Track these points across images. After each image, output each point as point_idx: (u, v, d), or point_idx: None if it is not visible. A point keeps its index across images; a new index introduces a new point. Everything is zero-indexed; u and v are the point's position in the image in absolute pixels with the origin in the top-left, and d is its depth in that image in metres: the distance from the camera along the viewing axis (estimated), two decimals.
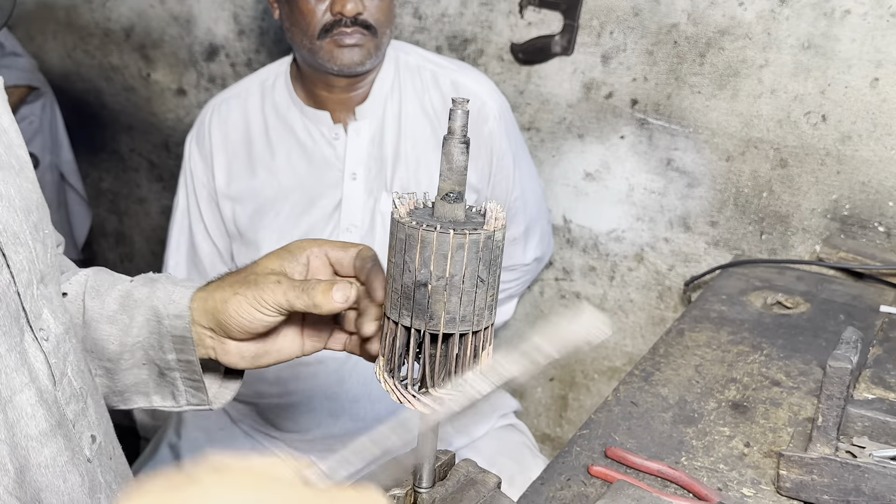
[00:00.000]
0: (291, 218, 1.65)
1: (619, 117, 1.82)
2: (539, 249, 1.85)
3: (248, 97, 1.71)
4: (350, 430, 1.63)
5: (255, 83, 1.73)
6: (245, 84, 1.75)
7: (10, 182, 0.76)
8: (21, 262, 0.75)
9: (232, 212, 1.70)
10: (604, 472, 1.03)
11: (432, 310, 0.67)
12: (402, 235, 0.66)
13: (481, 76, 1.73)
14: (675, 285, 1.84)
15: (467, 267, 0.66)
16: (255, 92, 1.72)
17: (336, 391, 1.63)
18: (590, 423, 1.13)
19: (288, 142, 1.66)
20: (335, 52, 1.53)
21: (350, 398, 1.62)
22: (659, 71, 1.75)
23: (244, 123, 1.70)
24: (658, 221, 1.83)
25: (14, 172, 0.78)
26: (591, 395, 2.01)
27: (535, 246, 1.83)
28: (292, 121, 1.67)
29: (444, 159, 0.67)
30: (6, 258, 0.73)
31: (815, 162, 1.63)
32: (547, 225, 1.88)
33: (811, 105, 1.61)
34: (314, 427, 1.64)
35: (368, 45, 1.54)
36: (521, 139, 1.80)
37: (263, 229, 1.66)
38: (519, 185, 1.74)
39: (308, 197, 1.65)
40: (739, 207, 1.73)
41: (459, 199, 0.67)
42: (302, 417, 1.65)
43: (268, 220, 1.66)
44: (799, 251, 1.69)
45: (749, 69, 1.65)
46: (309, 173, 1.65)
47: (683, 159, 1.76)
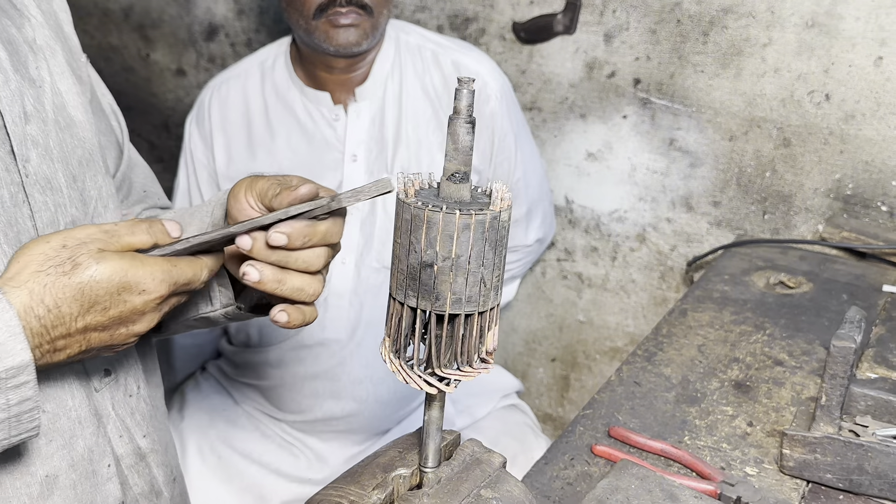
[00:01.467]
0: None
1: (622, 97, 1.81)
2: (541, 231, 1.85)
3: (247, 78, 1.70)
4: (352, 411, 1.64)
5: (255, 64, 1.72)
6: (245, 65, 1.74)
7: (52, 135, 0.86)
8: (46, 203, 0.84)
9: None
10: (607, 452, 1.03)
11: (438, 290, 0.67)
12: (408, 216, 0.66)
13: (483, 56, 1.72)
14: (678, 265, 1.84)
15: (473, 247, 0.65)
16: (254, 72, 1.71)
17: (337, 372, 1.63)
18: (593, 403, 1.13)
19: (288, 123, 1.65)
20: (330, 33, 1.52)
21: (352, 380, 1.63)
22: (662, 50, 1.74)
23: (244, 104, 1.69)
24: (660, 201, 1.83)
25: (59, 128, 0.88)
26: (592, 376, 2.02)
27: (537, 227, 1.83)
28: (292, 101, 1.66)
29: (450, 139, 0.67)
30: (28, 198, 0.82)
31: (818, 141, 1.62)
32: (549, 206, 1.87)
33: (815, 84, 1.60)
34: (316, 408, 1.65)
35: (364, 25, 1.53)
36: (524, 120, 1.79)
37: None
38: (521, 166, 1.73)
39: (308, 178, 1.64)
40: (742, 187, 1.73)
41: (465, 180, 0.67)
42: (304, 399, 1.66)
43: None
44: (802, 231, 1.68)
45: (752, 48, 1.64)
46: (309, 154, 1.64)
47: (686, 139, 1.76)
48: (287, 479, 1.65)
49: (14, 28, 0.88)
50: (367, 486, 0.73)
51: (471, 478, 0.75)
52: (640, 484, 0.85)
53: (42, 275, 0.72)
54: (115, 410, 0.93)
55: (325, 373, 1.64)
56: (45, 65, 0.90)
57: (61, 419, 0.85)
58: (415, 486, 0.76)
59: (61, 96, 0.90)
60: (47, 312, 0.72)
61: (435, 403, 0.73)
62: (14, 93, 0.83)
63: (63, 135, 0.88)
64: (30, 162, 0.83)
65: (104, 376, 0.92)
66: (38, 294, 0.71)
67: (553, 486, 0.97)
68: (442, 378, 0.70)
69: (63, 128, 0.89)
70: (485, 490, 0.74)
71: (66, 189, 0.87)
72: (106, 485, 0.91)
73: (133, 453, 0.96)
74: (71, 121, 0.91)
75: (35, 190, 0.83)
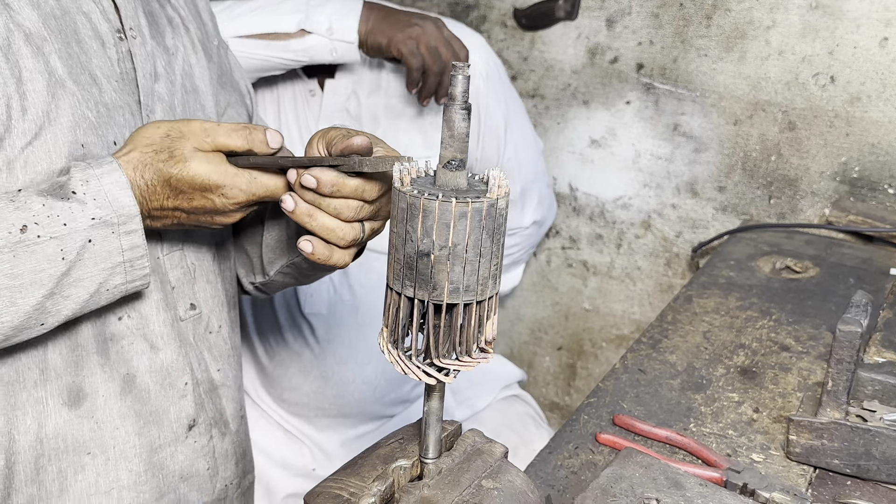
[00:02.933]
0: None
1: (625, 82, 1.79)
2: (538, 213, 1.82)
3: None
4: (339, 392, 1.64)
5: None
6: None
7: (177, 96, 1.00)
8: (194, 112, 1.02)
9: None
10: (612, 440, 1.02)
11: (435, 280, 0.66)
12: (404, 205, 0.65)
13: (470, 33, 1.68)
14: (683, 252, 1.83)
15: (470, 236, 0.64)
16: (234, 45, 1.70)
17: (323, 350, 1.63)
18: (597, 391, 1.13)
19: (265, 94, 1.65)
20: None
21: (336, 359, 1.63)
22: (665, 34, 1.72)
23: None
24: (665, 187, 1.81)
25: (185, 91, 1.02)
26: (599, 364, 2.01)
27: (533, 209, 1.80)
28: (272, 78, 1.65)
29: (445, 126, 0.66)
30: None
31: (823, 124, 1.61)
32: (546, 188, 1.85)
33: (819, 66, 1.58)
34: (306, 386, 1.65)
35: None
36: (516, 99, 1.76)
37: None
38: (511, 145, 1.70)
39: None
40: (747, 172, 1.71)
41: (461, 167, 0.66)
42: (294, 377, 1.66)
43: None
44: (808, 215, 1.67)
45: (756, 31, 1.62)
46: (284, 127, 1.63)
47: (690, 124, 1.74)
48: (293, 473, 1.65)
49: (157, 4, 1.03)
50: (368, 478, 0.72)
51: (472, 468, 0.74)
52: (645, 472, 0.84)
53: (146, 156, 0.84)
54: (195, 341, 1.02)
55: (310, 349, 1.64)
56: (181, 39, 1.03)
57: (147, 328, 0.95)
58: (415, 478, 0.75)
59: (191, 66, 1.04)
60: (146, 186, 0.84)
61: (435, 394, 0.72)
62: (148, 54, 0.96)
63: (187, 97, 1.01)
64: (154, 114, 0.95)
65: (190, 309, 1.02)
66: (139, 170, 0.84)
67: (557, 475, 0.97)
68: (441, 368, 0.69)
69: (188, 92, 1.02)
70: (486, 480, 0.73)
71: (212, 97, 1.03)
72: (181, 401, 1.00)
73: (207, 381, 1.04)
74: (195, 88, 1.04)
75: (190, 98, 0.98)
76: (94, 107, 0.88)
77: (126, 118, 0.92)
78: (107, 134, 0.89)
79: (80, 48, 0.88)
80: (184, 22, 1.06)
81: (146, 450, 0.98)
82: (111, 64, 0.92)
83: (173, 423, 1.00)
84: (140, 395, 0.96)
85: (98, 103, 0.88)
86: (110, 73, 0.91)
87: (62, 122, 0.84)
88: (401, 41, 1.47)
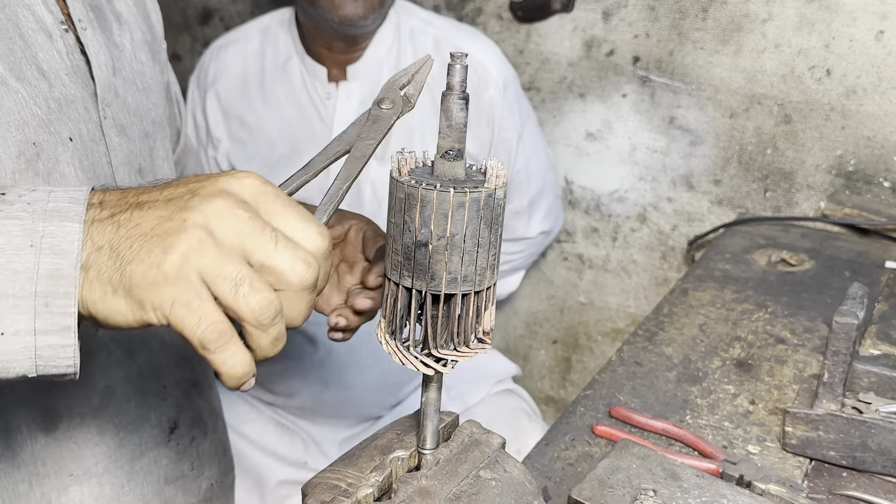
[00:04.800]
0: (277, 169, 1.62)
1: (621, 75, 1.79)
2: (546, 223, 1.81)
3: (247, 42, 1.69)
4: (340, 396, 1.63)
5: (256, 29, 1.70)
6: (246, 29, 1.72)
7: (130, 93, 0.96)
8: (121, 146, 0.94)
9: (215, 153, 1.70)
10: (608, 432, 1.02)
11: (433, 270, 0.65)
12: (402, 195, 0.65)
13: (488, 44, 1.67)
14: (679, 245, 1.83)
15: (468, 226, 0.64)
16: (254, 38, 1.69)
17: (322, 357, 1.62)
18: (594, 384, 1.13)
19: (282, 91, 1.63)
20: (336, 2, 1.48)
21: (339, 365, 1.62)
22: (661, 27, 1.72)
23: (242, 68, 1.67)
24: (661, 181, 1.81)
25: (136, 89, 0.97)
26: (594, 357, 2.01)
27: (540, 220, 1.79)
28: (290, 70, 1.64)
29: (443, 116, 0.65)
30: (105, 137, 0.91)
31: (819, 117, 1.61)
32: (555, 199, 1.84)
33: (815, 59, 1.58)
34: (305, 392, 1.64)
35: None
36: (529, 110, 1.76)
37: None
38: (522, 157, 1.70)
39: (293, 150, 1.62)
40: (743, 165, 1.71)
41: (459, 157, 0.66)
42: (293, 381, 1.66)
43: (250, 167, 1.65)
44: (804, 208, 1.67)
45: (752, 23, 1.62)
46: (298, 126, 1.62)
47: (686, 117, 1.74)
48: (285, 462, 1.65)
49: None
50: (365, 469, 0.72)
51: (469, 459, 0.74)
52: (642, 463, 0.84)
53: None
54: (172, 337, 0.99)
55: (310, 356, 1.63)
56: (129, 36, 0.99)
57: (119, 335, 0.92)
58: (413, 468, 0.75)
59: (141, 65, 1.00)
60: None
61: (432, 385, 0.72)
62: (101, 45, 0.92)
63: (139, 96, 0.98)
64: (109, 107, 0.92)
65: None
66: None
67: (554, 467, 0.97)
68: (439, 359, 0.69)
69: (140, 90, 0.98)
70: (483, 471, 0.73)
71: (138, 141, 0.96)
72: (161, 404, 0.98)
73: (186, 381, 1.03)
74: (147, 87, 1.00)
75: (112, 132, 0.92)
76: (45, 102, 0.83)
77: (80, 112, 0.88)
78: (60, 130, 0.84)
79: (23, 42, 0.83)
80: (132, 17, 1.02)
81: (128, 459, 0.96)
82: (59, 57, 0.87)
83: (154, 428, 0.98)
84: (120, 406, 0.94)
85: (48, 98, 0.83)
86: (59, 67, 0.86)
87: (8, 121, 0.78)
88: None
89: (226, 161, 1.68)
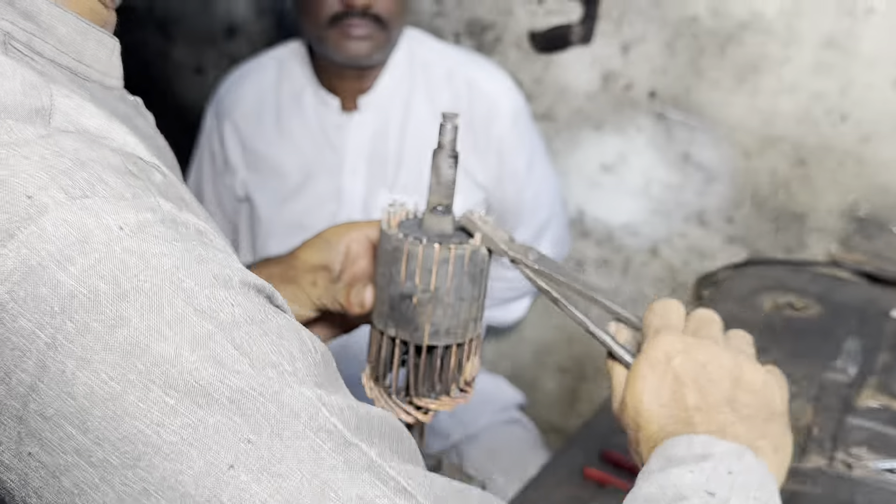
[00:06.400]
0: (289, 200, 1.65)
1: (637, 109, 1.80)
2: (551, 252, 1.82)
3: (263, 73, 1.72)
4: None
5: (273, 60, 1.73)
6: (262, 60, 1.75)
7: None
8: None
9: (232, 181, 1.72)
10: (598, 475, 1.03)
11: (417, 322, 0.67)
12: (389, 247, 0.66)
13: (499, 75, 1.69)
14: (689, 281, 1.83)
15: (452, 280, 0.65)
16: (271, 69, 1.72)
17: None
18: (588, 425, 1.13)
19: (296, 122, 1.66)
20: (342, 43, 1.51)
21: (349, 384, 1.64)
22: (678, 63, 1.73)
23: (258, 99, 1.70)
24: (674, 216, 1.81)
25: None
26: (601, 389, 2.01)
27: (547, 248, 1.80)
28: (305, 101, 1.66)
29: (433, 173, 0.67)
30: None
31: (833, 161, 1.60)
32: (562, 228, 1.84)
33: (831, 104, 1.58)
34: None
35: (378, 37, 1.52)
36: (538, 140, 1.77)
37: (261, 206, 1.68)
38: (531, 187, 1.71)
39: (306, 179, 1.65)
40: (756, 205, 1.71)
41: (447, 212, 0.67)
42: None
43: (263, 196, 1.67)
44: (815, 251, 1.67)
45: (770, 65, 1.62)
46: (311, 157, 1.64)
47: (701, 154, 1.74)
48: None
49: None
50: None
51: None
52: None
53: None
54: None
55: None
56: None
57: None
58: None
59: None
60: None
61: (413, 430, 0.73)
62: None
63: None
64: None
65: None
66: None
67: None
68: (420, 407, 0.70)
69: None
70: None
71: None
72: None
73: None
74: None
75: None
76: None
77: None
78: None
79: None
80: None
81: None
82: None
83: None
84: None
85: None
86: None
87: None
88: None
89: (242, 188, 1.71)
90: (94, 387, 0.42)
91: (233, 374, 0.43)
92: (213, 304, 0.45)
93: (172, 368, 0.42)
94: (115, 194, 0.45)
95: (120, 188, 0.46)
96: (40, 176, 0.44)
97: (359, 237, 0.86)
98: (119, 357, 0.42)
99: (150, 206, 0.46)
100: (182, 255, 0.45)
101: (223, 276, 0.46)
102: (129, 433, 0.42)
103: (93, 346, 0.42)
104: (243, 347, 0.44)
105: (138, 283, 0.43)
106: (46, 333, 0.42)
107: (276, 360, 0.45)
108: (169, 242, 0.45)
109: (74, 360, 0.42)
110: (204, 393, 0.43)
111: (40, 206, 0.44)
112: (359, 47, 1.51)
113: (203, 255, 0.46)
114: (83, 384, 0.42)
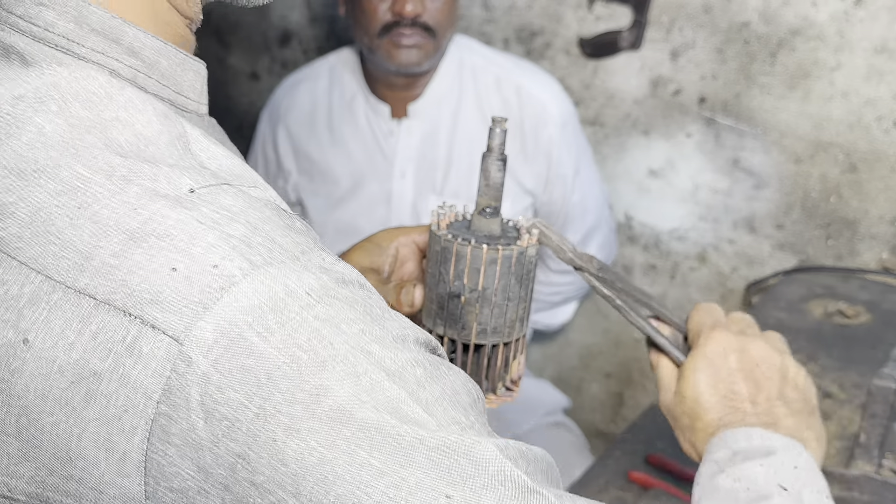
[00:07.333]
0: (340, 204, 1.69)
1: (686, 115, 1.80)
2: (599, 256, 1.83)
3: (317, 80, 1.76)
4: None
5: (325, 68, 1.78)
6: (315, 67, 1.80)
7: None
8: None
9: (285, 184, 1.77)
10: (643, 479, 1.04)
11: (465, 321, 0.69)
12: (438, 248, 0.68)
13: (548, 80, 1.71)
14: (738, 287, 1.82)
15: (499, 281, 0.67)
16: (324, 76, 1.76)
17: None
18: (633, 428, 1.14)
19: (348, 129, 1.70)
20: (393, 52, 1.55)
21: None
22: (728, 69, 1.72)
23: (311, 105, 1.75)
24: (722, 222, 1.81)
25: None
26: (647, 394, 2.01)
27: (593, 253, 1.81)
28: (356, 108, 1.70)
29: (482, 176, 0.69)
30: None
31: (885, 168, 1.59)
32: (610, 232, 1.85)
33: (883, 110, 1.57)
34: None
35: (427, 46, 1.55)
36: (586, 146, 1.78)
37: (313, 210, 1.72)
38: (578, 192, 1.72)
39: (356, 185, 1.68)
40: (806, 211, 1.70)
41: (495, 214, 0.69)
42: None
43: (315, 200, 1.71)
44: (865, 258, 1.65)
45: (821, 71, 1.62)
46: (362, 163, 1.68)
47: (751, 160, 1.74)
48: None
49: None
50: None
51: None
52: None
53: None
54: None
55: None
56: None
57: None
58: None
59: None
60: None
61: None
62: None
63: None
64: None
65: None
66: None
67: None
68: None
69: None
70: None
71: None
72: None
73: None
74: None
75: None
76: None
77: None
78: None
79: None
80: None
81: None
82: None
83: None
84: None
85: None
86: None
87: None
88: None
89: (294, 192, 1.75)
90: (304, 454, 0.44)
91: (428, 434, 0.46)
92: (398, 366, 0.47)
93: (377, 434, 0.45)
94: (290, 256, 0.47)
95: (290, 247, 0.48)
96: (221, 246, 0.46)
97: (407, 241, 0.88)
98: (326, 425, 0.44)
99: (319, 264, 0.48)
100: (363, 317, 0.47)
101: (401, 337, 0.49)
102: (340, 495, 0.44)
103: (300, 415, 0.44)
104: (430, 407, 0.47)
105: (334, 351, 0.45)
106: (255, 404, 0.44)
107: (455, 417, 0.48)
108: (350, 306, 0.47)
109: (283, 429, 0.44)
110: (405, 454, 0.45)
111: (228, 276, 0.45)
112: (409, 56, 1.55)
113: (378, 315, 0.49)
114: (294, 451, 0.44)
